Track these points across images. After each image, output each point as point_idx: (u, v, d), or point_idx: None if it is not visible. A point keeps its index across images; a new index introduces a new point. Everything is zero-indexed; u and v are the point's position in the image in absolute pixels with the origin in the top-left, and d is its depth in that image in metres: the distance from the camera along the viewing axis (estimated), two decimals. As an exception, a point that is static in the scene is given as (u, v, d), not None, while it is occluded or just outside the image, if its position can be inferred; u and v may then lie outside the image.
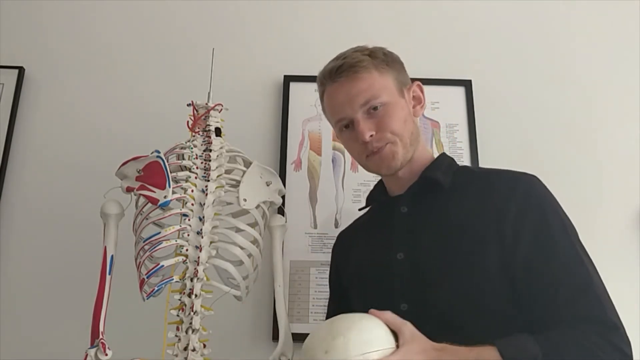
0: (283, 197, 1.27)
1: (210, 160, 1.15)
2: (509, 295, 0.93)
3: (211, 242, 1.10)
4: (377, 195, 1.19)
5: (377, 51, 1.11)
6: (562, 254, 0.93)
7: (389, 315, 0.86)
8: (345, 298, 1.15)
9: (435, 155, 1.17)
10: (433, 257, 0.99)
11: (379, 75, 1.07)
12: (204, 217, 1.10)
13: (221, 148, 1.18)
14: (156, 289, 1.08)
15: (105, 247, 1.10)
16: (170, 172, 1.11)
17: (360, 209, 1.26)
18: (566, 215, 0.99)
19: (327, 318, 1.15)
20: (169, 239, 1.07)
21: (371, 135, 1.05)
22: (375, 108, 1.06)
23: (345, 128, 1.10)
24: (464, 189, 1.06)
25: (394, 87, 1.09)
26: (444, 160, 1.14)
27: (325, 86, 1.12)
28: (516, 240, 0.94)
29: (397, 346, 0.83)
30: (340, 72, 1.08)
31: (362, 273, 1.11)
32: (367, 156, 1.08)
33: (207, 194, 1.11)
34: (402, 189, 1.11)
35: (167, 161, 1.14)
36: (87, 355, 1.01)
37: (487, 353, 0.82)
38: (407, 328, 0.85)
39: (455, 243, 0.99)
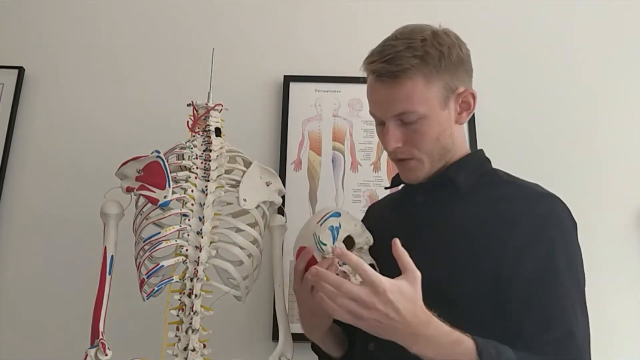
0: (283, 197, 1.27)
1: (210, 160, 1.15)
2: (492, 305, 0.92)
3: (211, 242, 1.10)
4: (401, 179, 1.15)
5: (433, 52, 0.99)
6: (562, 293, 0.90)
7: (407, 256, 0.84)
8: None
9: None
10: (430, 252, 0.98)
11: (424, 83, 0.98)
12: (203, 217, 1.10)
13: (221, 148, 1.18)
14: (156, 289, 1.08)
15: (105, 247, 1.10)
16: (170, 172, 1.11)
17: (386, 188, 1.30)
18: (578, 246, 0.96)
19: None
20: (169, 239, 1.07)
21: (397, 147, 1.02)
22: (409, 120, 1.00)
23: (379, 124, 1.07)
24: (482, 193, 1.03)
25: (437, 98, 0.99)
26: (473, 160, 1.09)
27: (368, 75, 1.04)
28: (519, 260, 0.92)
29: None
30: (382, 74, 0.99)
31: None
32: (393, 159, 1.08)
33: (207, 194, 1.11)
34: (426, 178, 1.08)
35: (167, 161, 1.13)
36: (87, 355, 1.01)
37: (465, 346, 0.82)
38: (415, 275, 0.82)
39: (454, 245, 0.98)
